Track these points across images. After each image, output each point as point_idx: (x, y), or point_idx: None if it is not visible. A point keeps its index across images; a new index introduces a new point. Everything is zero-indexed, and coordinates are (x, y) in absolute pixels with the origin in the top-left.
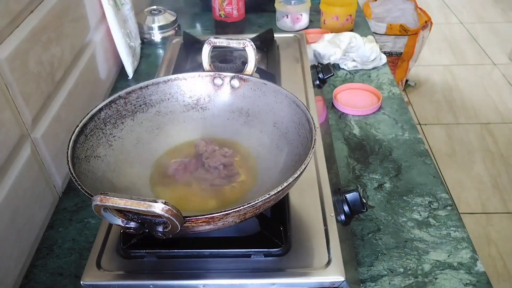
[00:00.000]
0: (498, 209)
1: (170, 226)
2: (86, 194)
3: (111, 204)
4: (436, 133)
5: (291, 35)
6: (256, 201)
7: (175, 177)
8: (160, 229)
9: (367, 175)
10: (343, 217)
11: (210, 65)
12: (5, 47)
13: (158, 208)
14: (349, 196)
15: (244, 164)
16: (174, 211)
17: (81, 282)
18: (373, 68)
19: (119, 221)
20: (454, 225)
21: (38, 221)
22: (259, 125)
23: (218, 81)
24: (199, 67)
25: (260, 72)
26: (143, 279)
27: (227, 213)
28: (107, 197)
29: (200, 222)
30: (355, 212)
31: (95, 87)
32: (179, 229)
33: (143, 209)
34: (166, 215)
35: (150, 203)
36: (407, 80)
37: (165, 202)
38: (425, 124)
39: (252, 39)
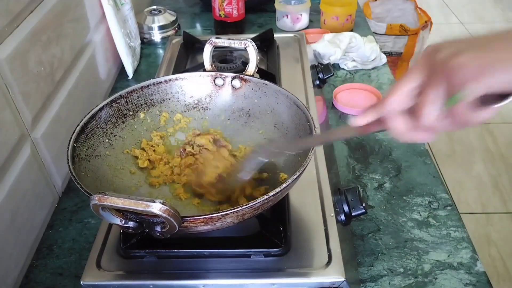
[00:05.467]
0: (498, 209)
1: (168, 226)
2: (85, 193)
3: (109, 204)
4: None
5: (291, 35)
6: (255, 202)
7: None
8: (158, 229)
9: (367, 175)
10: (343, 217)
11: (211, 65)
12: (5, 47)
13: (156, 208)
14: (349, 197)
15: None
16: (172, 211)
17: (81, 282)
18: (373, 68)
19: (117, 221)
20: (454, 225)
21: (38, 221)
22: (259, 125)
23: (219, 81)
24: (199, 67)
25: (260, 72)
26: (143, 279)
27: (225, 214)
28: (105, 196)
29: (199, 223)
30: (355, 216)
31: (95, 87)
32: (177, 229)
33: (141, 209)
34: (164, 215)
35: (148, 203)
36: None
37: (163, 202)
38: None
39: (252, 39)
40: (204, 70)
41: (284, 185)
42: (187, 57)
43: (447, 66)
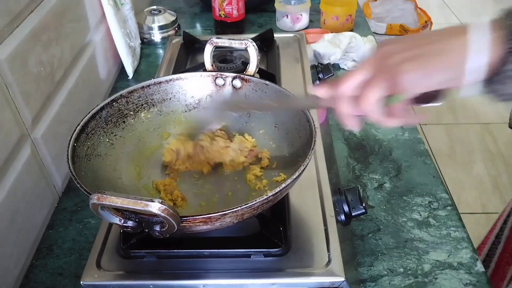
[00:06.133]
0: (498, 209)
1: (167, 225)
2: (85, 192)
3: (108, 203)
4: (436, 133)
5: (291, 35)
6: (254, 202)
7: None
8: (157, 228)
9: (367, 175)
10: (343, 217)
11: (212, 65)
12: (5, 47)
13: (155, 207)
14: (349, 197)
15: None
16: (171, 210)
17: (81, 282)
18: None
19: (116, 220)
20: (454, 225)
21: (38, 221)
22: (260, 125)
23: (220, 81)
24: (199, 67)
25: (261, 72)
26: (143, 279)
27: (224, 214)
28: (104, 195)
29: (198, 222)
30: (355, 216)
31: (95, 87)
32: (176, 228)
33: (140, 208)
34: (163, 214)
35: (147, 203)
36: None
37: (162, 201)
38: (425, 124)
39: (252, 39)
40: (205, 70)
41: (283, 185)
42: (187, 57)
43: (393, 71)
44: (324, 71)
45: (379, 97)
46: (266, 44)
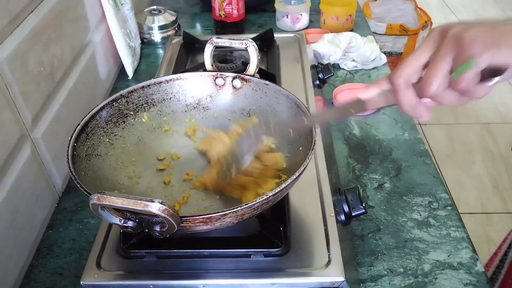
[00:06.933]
0: (498, 209)
1: (167, 225)
2: (85, 192)
3: (108, 203)
4: (436, 133)
5: (291, 35)
6: (254, 202)
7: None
8: (157, 228)
9: (367, 175)
10: (343, 217)
11: (212, 65)
12: (5, 47)
13: (155, 207)
14: (349, 197)
15: None
16: (171, 211)
17: (81, 282)
18: (373, 68)
19: (116, 220)
20: (454, 225)
21: (38, 221)
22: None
23: (220, 81)
24: (199, 67)
25: (261, 72)
26: (143, 279)
27: (224, 214)
28: (104, 195)
29: (198, 222)
30: (355, 216)
31: (95, 87)
32: (176, 229)
33: (140, 208)
34: (163, 214)
35: (147, 203)
36: None
37: (162, 202)
38: (425, 124)
39: (252, 39)
40: (205, 70)
41: (283, 185)
42: (187, 57)
43: (459, 37)
44: (324, 71)
45: (447, 72)
46: (266, 44)
